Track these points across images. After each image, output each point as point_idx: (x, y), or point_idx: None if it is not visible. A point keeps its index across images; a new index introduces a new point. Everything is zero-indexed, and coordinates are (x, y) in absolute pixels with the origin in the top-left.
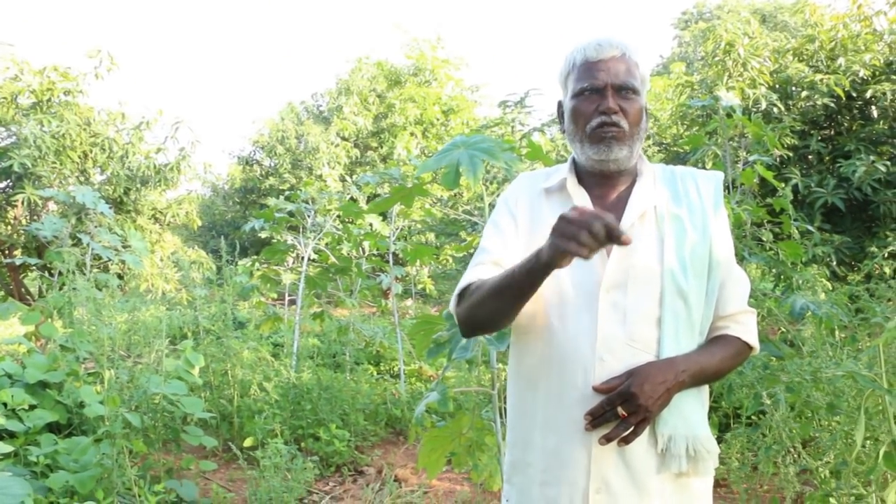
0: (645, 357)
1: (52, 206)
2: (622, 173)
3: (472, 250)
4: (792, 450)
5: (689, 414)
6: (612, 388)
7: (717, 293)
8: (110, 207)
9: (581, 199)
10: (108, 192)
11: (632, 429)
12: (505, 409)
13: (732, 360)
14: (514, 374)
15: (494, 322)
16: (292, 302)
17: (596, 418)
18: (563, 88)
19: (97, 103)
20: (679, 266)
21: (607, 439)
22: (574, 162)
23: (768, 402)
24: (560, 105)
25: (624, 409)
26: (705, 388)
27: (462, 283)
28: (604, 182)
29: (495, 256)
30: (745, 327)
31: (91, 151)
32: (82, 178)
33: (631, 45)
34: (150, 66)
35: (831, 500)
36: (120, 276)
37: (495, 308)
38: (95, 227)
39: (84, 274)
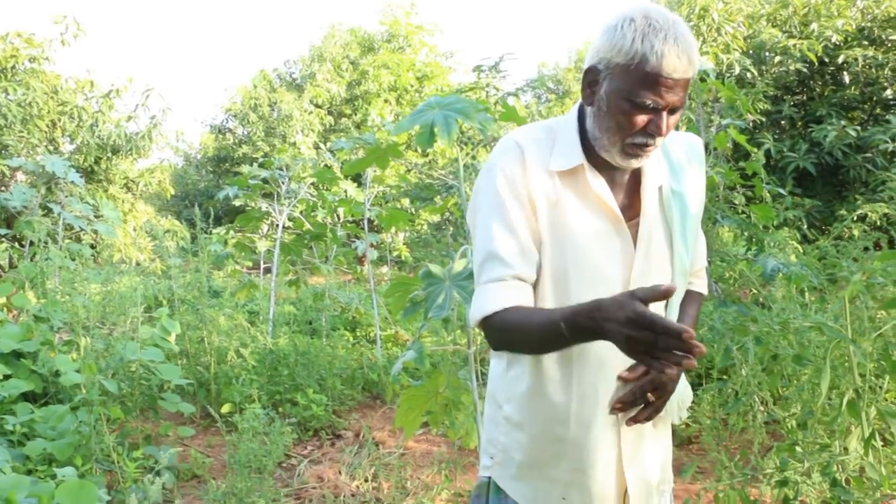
0: None
1: (20, 175)
2: None
3: (446, 214)
4: (760, 402)
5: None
6: (637, 375)
7: None
8: (81, 177)
9: (600, 187)
10: (79, 161)
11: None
12: (482, 371)
13: (698, 312)
14: (534, 373)
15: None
16: (267, 270)
17: (626, 404)
18: (605, 63)
19: (64, 71)
20: (684, 247)
21: (635, 421)
22: (581, 132)
23: (738, 355)
24: (594, 73)
25: (655, 394)
26: None
27: (485, 305)
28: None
29: (517, 269)
30: (704, 281)
31: (59, 120)
32: (51, 148)
33: (698, 60)
34: (117, 33)
35: (797, 449)
36: (92, 247)
37: (544, 352)
38: (66, 196)
39: (56, 244)
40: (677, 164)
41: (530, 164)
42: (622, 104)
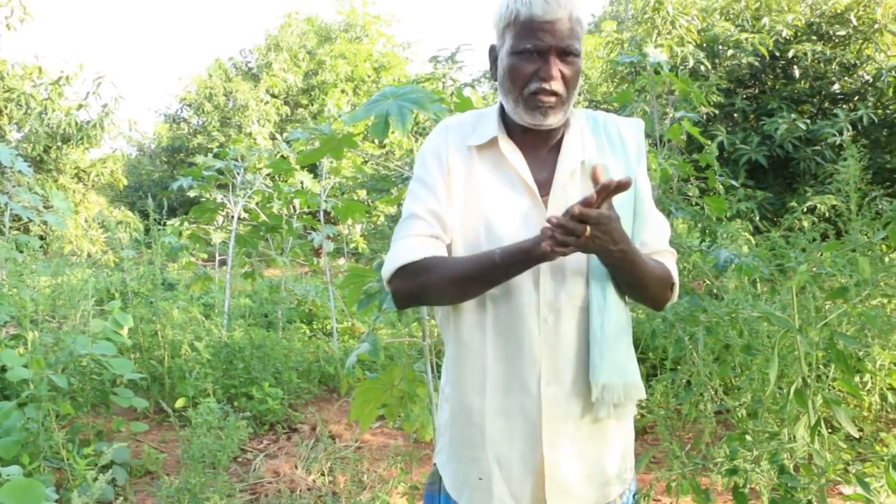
0: (580, 312)
1: None
2: (554, 129)
3: (402, 203)
4: (711, 391)
5: (622, 362)
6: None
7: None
8: (29, 166)
9: (513, 156)
10: (27, 150)
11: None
12: (437, 362)
13: (662, 275)
14: (455, 342)
15: (449, 302)
16: (223, 262)
17: (560, 227)
18: (498, 35)
19: (10, 56)
20: None
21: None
22: (502, 111)
23: (689, 345)
24: (493, 50)
25: (595, 231)
26: (630, 328)
27: (402, 256)
28: (534, 136)
29: (434, 230)
30: (668, 261)
31: (6, 107)
32: None
33: (577, 2)
34: (67, 17)
35: (747, 437)
36: (42, 238)
37: (459, 294)
38: (14, 186)
39: (2, 235)
40: (608, 141)
41: (452, 141)
42: (511, 59)
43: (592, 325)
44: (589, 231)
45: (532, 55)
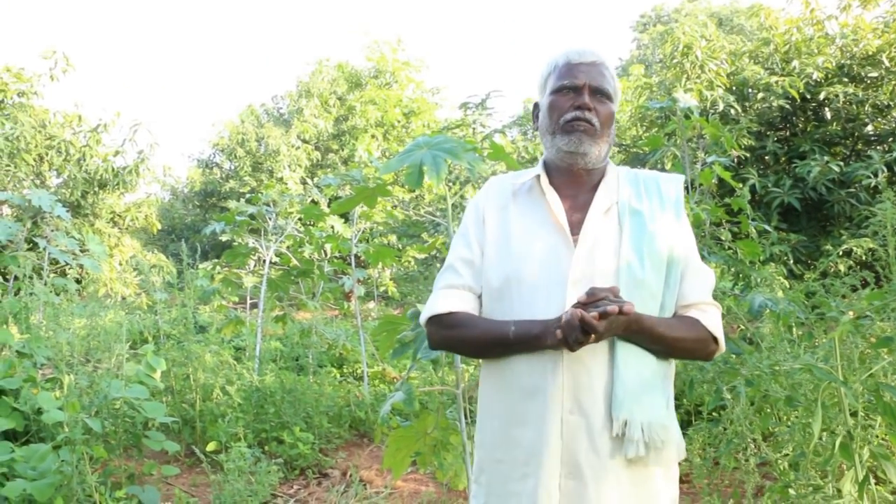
0: (604, 346)
1: (6, 209)
2: (590, 173)
3: (434, 252)
4: (752, 443)
5: (647, 400)
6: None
7: (679, 286)
8: (67, 211)
9: (551, 195)
10: (65, 195)
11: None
12: (470, 409)
13: (690, 335)
14: (485, 372)
15: (473, 356)
16: (254, 305)
17: (570, 329)
18: (541, 90)
19: (52, 105)
20: (636, 257)
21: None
22: (544, 164)
23: (728, 396)
24: (536, 106)
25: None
26: (669, 378)
27: (434, 307)
28: (572, 182)
29: (464, 279)
30: (707, 315)
31: (47, 154)
32: (38, 182)
33: (608, 60)
34: (106, 67)
35: (790, 491)
36: (78, 281)
37: (476, 355)
38: (52, 230)
39: (41, 278)
40: (645, 190)
41: (492, 192)
42: (550, 97)
43: (616, 360)
44: (594, 338)
45: (568, 92)
